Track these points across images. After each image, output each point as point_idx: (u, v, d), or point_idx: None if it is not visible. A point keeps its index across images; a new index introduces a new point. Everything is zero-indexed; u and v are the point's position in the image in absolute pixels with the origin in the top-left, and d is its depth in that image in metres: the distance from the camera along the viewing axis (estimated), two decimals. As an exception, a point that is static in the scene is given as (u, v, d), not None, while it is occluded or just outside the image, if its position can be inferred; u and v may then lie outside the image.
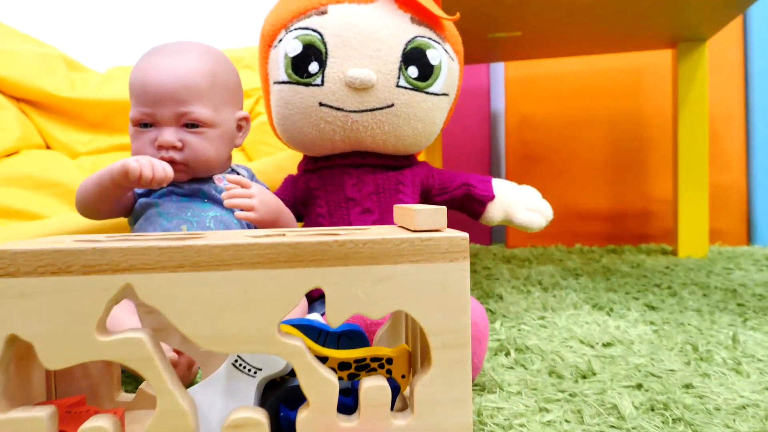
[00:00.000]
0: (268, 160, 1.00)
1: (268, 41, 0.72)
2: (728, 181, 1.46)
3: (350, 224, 0.71)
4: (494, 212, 0.78)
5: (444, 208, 0.39)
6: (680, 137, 1.31)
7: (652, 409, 0.49)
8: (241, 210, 0.61)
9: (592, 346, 0.67)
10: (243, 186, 0.63)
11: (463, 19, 0.77)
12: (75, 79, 1.39)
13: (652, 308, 0.84)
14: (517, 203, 0.78)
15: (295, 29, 0.69)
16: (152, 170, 0.58)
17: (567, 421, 0.47)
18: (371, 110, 0.69)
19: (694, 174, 1.31)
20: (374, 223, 0.71)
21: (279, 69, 0.70)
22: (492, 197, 0.77)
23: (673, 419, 0.46)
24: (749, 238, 1.46)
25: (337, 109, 0.69)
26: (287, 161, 0.95)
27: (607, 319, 0.77)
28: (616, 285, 1.01)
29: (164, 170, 0.59)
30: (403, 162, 0.76)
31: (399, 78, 0.69)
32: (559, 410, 0.49)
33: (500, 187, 0.79)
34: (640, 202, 1.50)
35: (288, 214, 0.67)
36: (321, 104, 0.69)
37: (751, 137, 1.45)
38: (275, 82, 0.72)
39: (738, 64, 1.46)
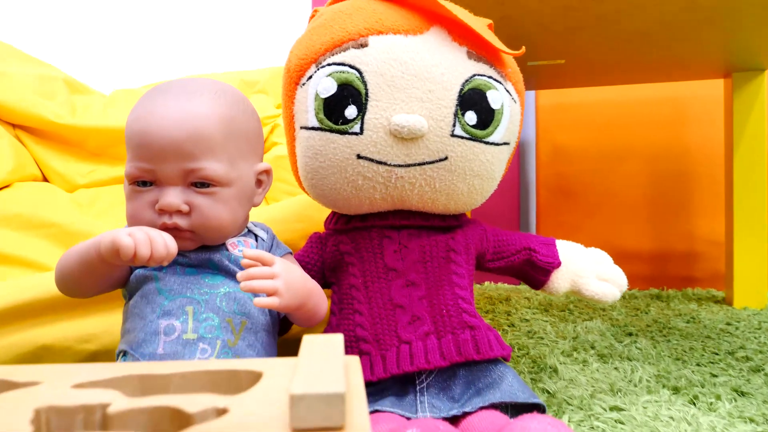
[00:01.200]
0: (286, 206, 0.86)
1: (295, 78, 0.59)
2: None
3: (391, 300, 0.58)
4: (560, 282, 0.64)
5: (341, 394, 0.22)
6: (736, 173, 1.17)
7: None
8: (263, 295, 0.48)
9: (693, 462, 0.53)
10: (264, 263, 0.49)
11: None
12: (77, 103, 1.27)
13: (742, 394, 0.69)
14: (587, 271, 0.64)
15: (329, 65, 0.56)
16: (150, 247, 0.45)
17: None
18: (420, 164, 0.56)
19: (752, 214, 1.17)
20: (420, 299, 0.57)
21: (308, 112, 0.57)
22: (558, 264, 0.63)
23: None
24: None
25: (379, 162, 0.55)
26: (311, 209, 0.81)
27: (696, 413, 0.63)
28: (680, 351, 0.87)
29: (166, 246, 0.46)
30: (453, 222, 0.62)
31: (454, 126, 0.56)
32: None
33: (565, 251, 0.65)
34: (684, 242, 1.36)
35: (318, 294, 0.54)
36: (359, 156, 0.55)
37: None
38: (303, 127, 0.58)
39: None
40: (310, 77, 0.57)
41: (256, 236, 0.59)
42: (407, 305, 0.57)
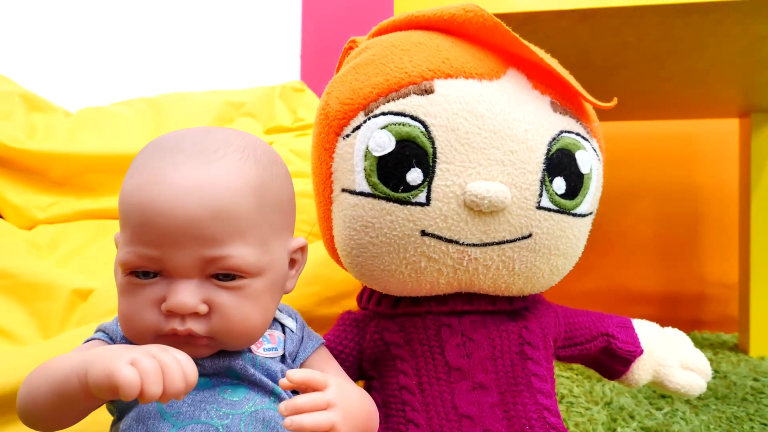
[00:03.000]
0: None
1: (336, 127, 0.46)
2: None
3: (455, 408, 0.45)
4: (641, 372, 0.53)
5: None
6: (753, 215, 1.10)
7: None
8: (316, 435, 0.34)
9: None
10: (315, 387, 0.36)
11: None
12: (37, 123, 1.10)
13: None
14: (671, 360, 0.53)
15: (383, 114, 0.43)
16: (162, 382, 0.31)
17: None
18: (499, 243, 0.43)
19: (769, 259, 1.10)
20: (492, 408, 0.45)
21: (355, 173, 0.44)
22: (640, 352, 0.52)
23: None
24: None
25: (449, 241, 0.43)
26: (326, 267, 0.68)
27: None
28: (724, 420, 0.77)
29: (184, 377, 0.32)
30: (520, 303, 0.50)
31: (541, 195, 0.44)
32: None
33: (644, 334, 0.54)
34: (693, 284, 1.28)
35: (375, 417, 0.41)
36: (424, 233, 0.43)
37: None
38: (347, 191, 0.45)
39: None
40: (357, 128, 0.45)
41: (282, 326, 0.45)
42: (477, 416, 0.45)
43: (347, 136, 0.45)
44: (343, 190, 0.46)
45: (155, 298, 0.37)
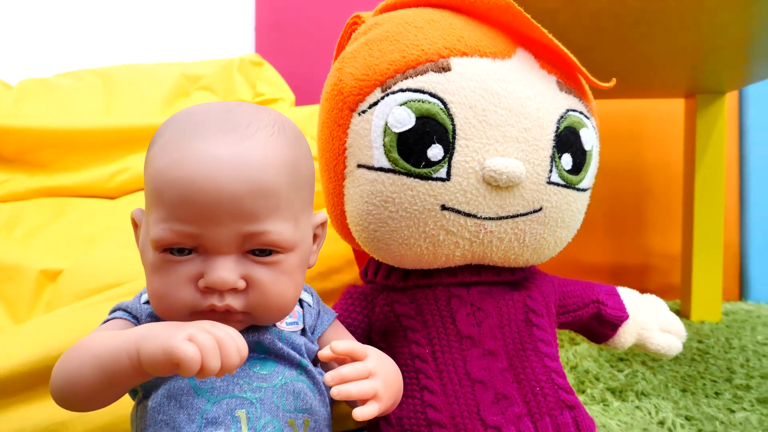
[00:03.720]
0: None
1: (351, 103, 0.47)
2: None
3: (468, 374, 0.48)
4: (626, 336, 0.57)
5: None
6: (697, 191, 1.19)
7: None
8: (362, 402, 0.36)
9: None
10: (356, 357, 0.37)
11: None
12: (-24, 96, 1.03)
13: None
14: (651, 323, 0.58)
15: (402, 91, 0.44)
16: (219, 358, 0.31)
17: None
18: (513, 217, 0.46)
19: (710, 231, 1.19)
20: (502, 372, 0.48)
21: (373, 148, 0.45)
22: (626, 317, 0.57)
23: None
24: (741, 294, 1.39)
25: (468, 215, 0.45)
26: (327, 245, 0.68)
27: (752, 467, 0.60)
28: (679, 379, 0.85)
29: (239, 353, 0.32)
30: (521, 274, 0.53)
31: (551, 171, 0.46)
32: None
33: (627, 300, 0.58)
34: (639, 255, 1.37)
35: (402, 384, 0.43)
36: (444, 207, 0.44)
37: (745, 193, 1.37)
38: (364, 166, 0.46)
39: (733, 119, 1.38)
40: (374, 104, 0.45)
41: (300, 300, 0.46)
42: (488, 381, 0.47)
43: (363, 112, 0.46)
44: (359, 166, 0.46)
45: (192, 274, 0.36)
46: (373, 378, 0.37)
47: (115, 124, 1.02)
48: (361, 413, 0.35)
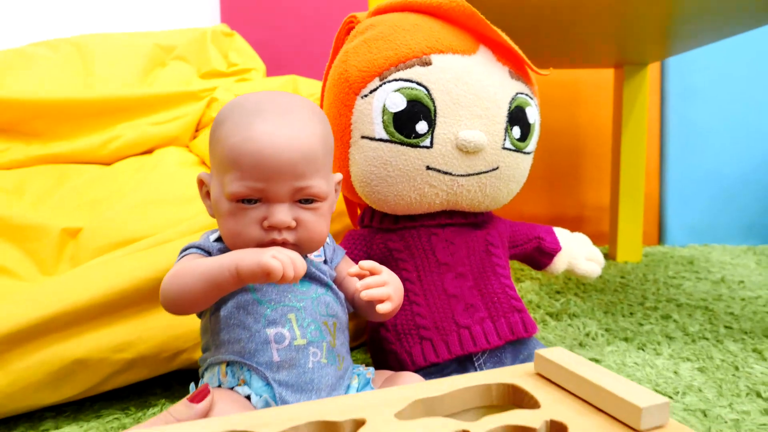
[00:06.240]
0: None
1: (355, 88, 0.63)
2: (645, 189, 1.62)
3: (445, 290, 0.66)
4: (559, 264, 0.78)
5: (667, 401, 0.33)
6: (623, 151, 1.42)
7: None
8: (380, 302, 0.54)
9: (672, 397, 0.71)
10: (374, 272, 0.55)
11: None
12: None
13: (670, 338, 0.91)
14: (578, 253, 0.78)
15: (395, 80, 0.61)
16: (295, 269, 0.48)
17: None
18: (477, 174, 0.64)
19: (633, 186, 1.43)
20: (471, 289, 0.67)
21: (374, 124, 0.62)
22: (559, 249, 0.77)
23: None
24: (660, 239, 1.65)
25: (446, 173, 0.63)
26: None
27: (649, 357, 0.82)
28: (604, 305, 1.08)
29: (303, 265, 0.49)
30: (482, 218, 0.72)
31: (505, 139, 0.65)
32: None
33: (561, 237, 0.79)
34: (574, 208, 1.61)
35: (402, 291, 0.61)
36: (429, 168, 0.62)
37: (665, 152, 1.62)
38: (367, 138, 0.63)
39: (655, 84, 1.61)
40: (374, 90, 0.62)
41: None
42: (460, 295, 0.66)
43: (365, 96, 0.63)
44: (363, 137, 0.63)
45: (258, 218, 0.53)
46: (387, 286, 0.55)
47: (101, 95, 1.12)
48: (382, 308, 0.53)
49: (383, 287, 0.54)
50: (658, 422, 0.31)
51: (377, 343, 0.68)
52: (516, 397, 0.37)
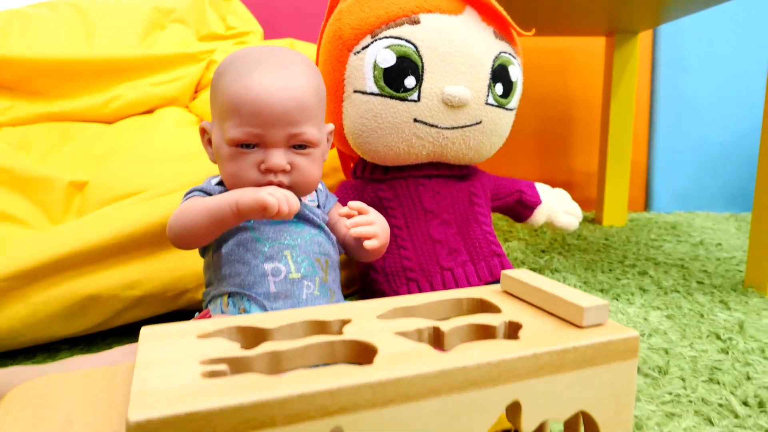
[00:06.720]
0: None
1: (348, 45, 0.68)
2: (633, 156, 1.67)
3: (430, 236, 0.72)
4: (539, 216, 0.83)
5: (606, 304, 0.38)
6: (612, 119, 1.46)
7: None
8: (367, 239, 0.59)
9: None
10: (362, 212, 0.61)
11: None
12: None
13: (643, 290, 0.97)
14: (557, 207, 0.84)
15: (385, 37, 0.66)
16: (289, 205, 0.54)
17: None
18: (462, 127, 0.69)
19: (620, 153, 1.48)
20: (454, 235, 0.73)
21: (365, 79, 0.67)
22: (540, 202, 0.83)
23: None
24: (646, 205, 1.71)
25: (432, 125, 0.68)
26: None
27: (623, 307, 0.89)
28: (586, 262, 1.14)
29: (297, 203, 0.55)
30: (467, 171, 0.77)
31: (488, 95, 0.70)
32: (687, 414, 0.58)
33: (541, 191, 0.84)
34: (564, 173, 1.66)
35: (389, 234, 0.66)
36: (416, 120, 0.67)
37: (654, 120, 1.67)
38: (359, 92, 0.68)
39: (647, 55, 1.65)
40: (366, 47, 0.67)
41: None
42: (444, 240, 0.72)
43: (357, 52, 0.68)
44: (355, 91, 0.68)
45: (256, 161, 0.58)
46: (374, 225, 0.60)
47: (103, 55, 1.16)
48: (369, 244, 0.59)
49: (370, 226, 0.60)
50: (597, 320, 0.37)
51: (368, 286, 0.74)
52: (483, 308, 0.43)
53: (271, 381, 0.30)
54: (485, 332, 0.38)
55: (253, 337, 0.37)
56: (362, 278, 0.76)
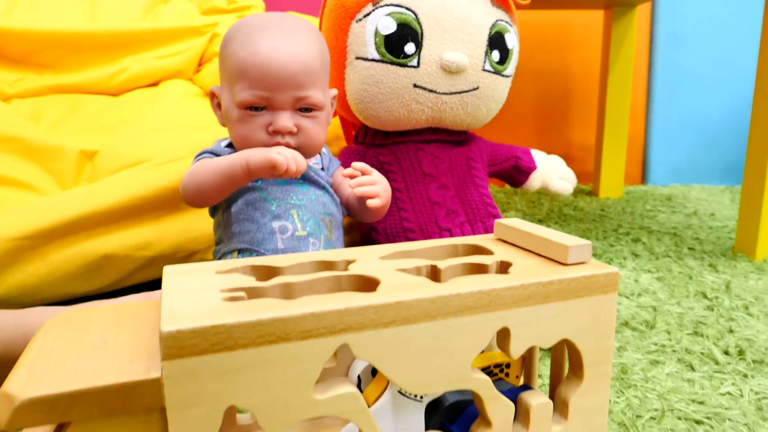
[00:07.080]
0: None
1: (351, 13, 0.71)
2: (630, 130, 1.70)
3: (429, 198, 0.76)
4: (534, 181, 0.87)
5: (589, 243, 0.42)
6: (609, 93, 1.49)
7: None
8: (370, 198, 0.63)
9: (627, 297, 0.81)
10: (365, 172, 0.64)
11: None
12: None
13: (635, 255, 1.01)
14: (552, 172, 0.87)
15: (386, 5, 0.69)
16: (296, 164, 0.57)
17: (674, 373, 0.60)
18: (459, 93, 0.73)
19: (617, 127, 1.51)
20: (452, 198, 0.76)
21: (367, 45, 0.70)
22: (535, 168, 0.86)
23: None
24: (643, 179, 1.75)
25: (431, 91, 0.71)
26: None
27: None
28: (582, 230, 1.18)
29: (304, 163, 0.58)
30: (464, 137, 0.80)
31: (485, 62, 0.73)
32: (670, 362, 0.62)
33: (536, 157, 0.88)
34: (562, 147, 1.69)
35: (390, 194, 0.70)
36: (415, 85, 0.71)
37: (652, 93, 1.70)
38: (360, 58, 0.71)
39: (645, 29, 1.67)
40: (368, 14, 0.70)
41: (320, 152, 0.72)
42: (443, 202, 0.76)
43: (359, 20, 0.70)
44: (357, 58, 0.71)
45: (264, 123, 0.61)
46: (376, 184, 0.64)
47: (108, 29, 1.19)
48: (372, 203, 0.62)
49: (373, 185, 0.63)
50: (581, 259, 0.41)
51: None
52: (477, 252, 0.46)
53: (286, 303, 0.33)
54: (478, 270, 0.42)
55: (266, 274, 0.41)
56: (364, 239, 0.80)
